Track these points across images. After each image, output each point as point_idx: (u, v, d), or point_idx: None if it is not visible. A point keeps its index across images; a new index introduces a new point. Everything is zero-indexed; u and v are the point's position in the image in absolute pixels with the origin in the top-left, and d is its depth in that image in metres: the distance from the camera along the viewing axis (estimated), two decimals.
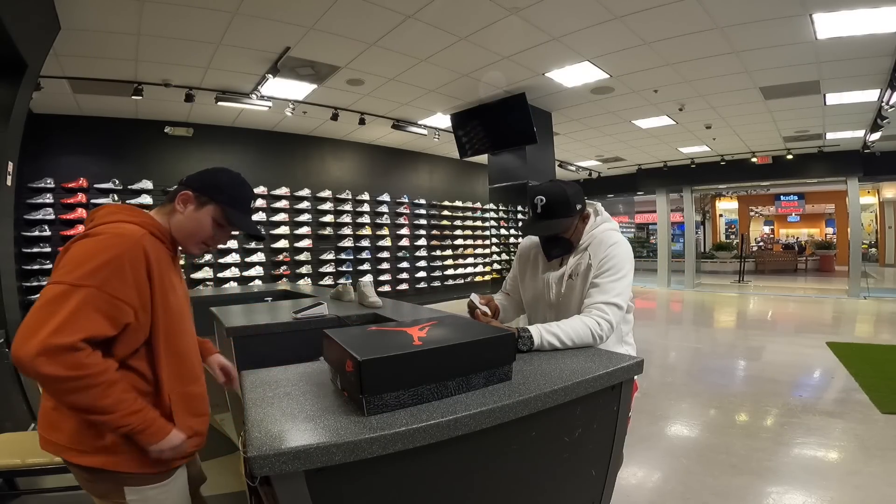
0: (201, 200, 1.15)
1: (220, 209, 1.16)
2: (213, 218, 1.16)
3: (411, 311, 2.31)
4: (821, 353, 4.81)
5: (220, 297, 3.68)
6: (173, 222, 1.15)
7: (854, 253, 9.05)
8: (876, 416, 3.08)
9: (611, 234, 1.51)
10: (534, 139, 5.67)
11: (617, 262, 1.43)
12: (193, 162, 6.43)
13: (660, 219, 11.42)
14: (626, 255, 1.46)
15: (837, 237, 16.29)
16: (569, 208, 1.47)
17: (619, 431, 1.25)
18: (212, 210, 1.16)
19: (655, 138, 8.06)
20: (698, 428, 3.11)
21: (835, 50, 4.26)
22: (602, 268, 1.43)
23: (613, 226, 1.56)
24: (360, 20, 3.75)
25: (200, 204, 1.15)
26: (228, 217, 1.18)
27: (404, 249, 8.70)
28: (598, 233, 1.52)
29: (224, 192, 1.17)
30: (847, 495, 2.16)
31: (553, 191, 1.47)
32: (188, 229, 1.15)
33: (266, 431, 0.83)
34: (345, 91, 5.44)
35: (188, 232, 1.15)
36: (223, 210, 1.17)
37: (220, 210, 1.17)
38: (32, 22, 2.97)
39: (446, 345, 1.00)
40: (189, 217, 1.15)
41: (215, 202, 1.16)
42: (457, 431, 0.90)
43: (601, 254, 1.45)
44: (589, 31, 3.99)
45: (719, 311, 8.51)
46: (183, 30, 3.79)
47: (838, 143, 8.30)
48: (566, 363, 1.22)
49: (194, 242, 1.17)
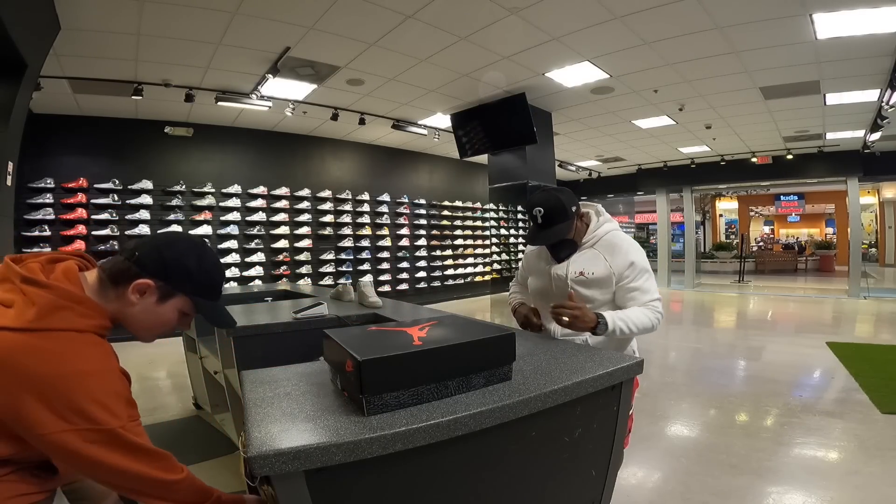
0: (165, 292, 0.95)
1: (189, 301, 0.98)
2: (180, 310, 0.99)
3: (411, 311, 2.31)
4: (821, 353, 4.81)
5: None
6: (124, 313, 0.94)
7: (854, 253, 9.05)
8: (876, 416, 3.08)
9: (618, 234, 1.61)
10: (534, 139, 5.67)
11: (643, 264, 1.57)
12: (193, 162, 6.44)
13: (660, 219, 11.42)
14: (643, 252, 1.61)
15: (837, 237, 16.29)
16: (566, 213, 1.56)
17: (619, 431, 1.25)
18: (179, 302, 0.97)
19: (655, 138, 8.06)
20: (698, 428, 3.11)
21: (835, 50, 4.26)
22: (633, 274, 1.55)
23: (616, 226, 1.65)
24: (360, 20, 3.75)
25: (164, 296, 0.95)
26: (200, 310, 1.01)
27: (404, 249, 8.70)
28: (602, 233, 1.61)
29: (194, 281, 0.97)
30: (847, 495, 2.16)
31: (549, 201, 1.56)
32: (147, 324, 0.97)
33: (266, 431, 0.83)
34: (345, 91, 5.44)
35: (146, 326, 0.97)
36: (193, 302, 0.99)
37: (190, 302, 0.99)
38: (32, 22, 2.97)
39: (446, 345, 1.00)
40: (148, 311, 0.95)
41: (184, 294, 0.97)
42: (457, 431, 0.90)
43: (625, 260, 1.55)
44: (589, 31, 3.99)
45: (719, 311, 8.51)
46: (183, 30, 3.79)
47: (838, 143, 8.31)
48: (566, 363, 1.22)
49: (152, 335, 1.00)
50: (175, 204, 6.21)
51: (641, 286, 1.55)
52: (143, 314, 0.94)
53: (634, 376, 1.26)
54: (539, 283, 1.72)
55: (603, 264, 1.56)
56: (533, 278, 1.77)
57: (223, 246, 6.56)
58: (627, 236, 1.62)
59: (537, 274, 1.74)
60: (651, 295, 1.54)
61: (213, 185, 6.53)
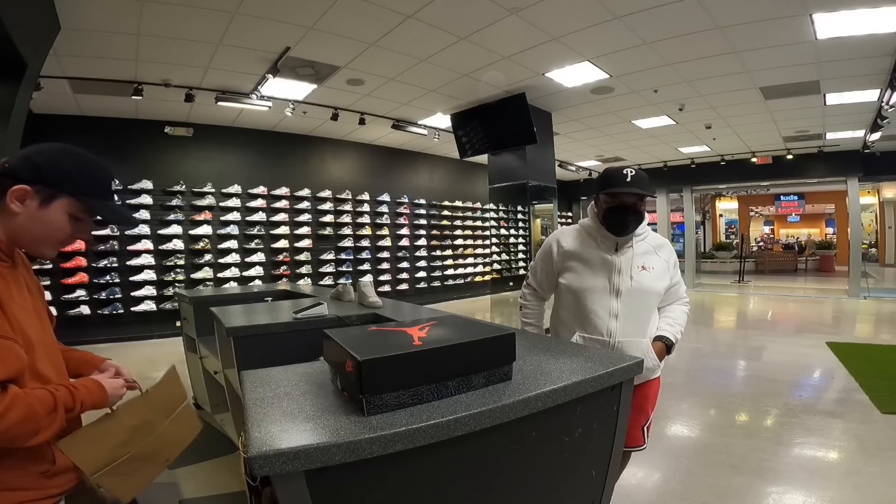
0: (45, 195, 0.90)
1: (75, 202, 0.93)
2: (69, 213, 0.93)
3: (411, 311, 2.31)
4: (821, 353, 4.81)
5: (220, 297, 3.68)
6: (11, 226, 0.90)
7: (854, 253, 9.05)
8: (876, 416, 3.08)
9: (656, 234, 1.72)
10: (534, 139, 5.67)
11: (676, 259, 1.71)
12: (193, 162, 6.44)
13: (660, 219, 11.42)
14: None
15: (837, 237, 16.29)
16: (650, 187, 1.61)
17: (619, 431, 1.25)
18: (65, 205, 0.92)
19: (655, 138, 8.06)
20: (698, 428, 3.11)
21: (835, 50, 4.26)
22: (677, 270, 1.70)
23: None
24: (360, 20, 3.75)
25: (46, 199, 0.90)
26: (92, 209, 0.96)
27: (404, 249, 8.70)
28: (648, 230, 1.69)
29: (76, 182, 0.93)
30: (847, 495, 2.16)
31: (639, 170, 1.60)
32: (37, 233, 0.91)
33: (266, 431, 0.83)
34: (345, 91, 5.44)
35: (37, 236, 0.92)
36: (80, 202, 0.94)
37: (77, 203, 0.93)
38: (32, 22, 2.97)
39: (446, 345, 1.00)
40: (33, 217, 0.90)
41: (68, 194, 0.92)
42: (457, 431, 0.90)
43: (672, 257, 1.68)
44: (589, 31, 3.99)
45: (719, 311, 8.51)
46: (183, 30, 3.79)
47: (838, 143, 8.31)
48: (566, 363, 1.22)
49: (49, 246, 0.95)
50: (175, 204, 6.21)
51: (679, 281, 1.71)
52: (30, 222, 0.90)
53: (634, 376, 1.26)
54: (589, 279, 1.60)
55: (657, 260, 1.63)
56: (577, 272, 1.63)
57: (223, 246, 6.57)
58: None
59: (586, 264, 1.62)
60: (684, 287, 1.74)
61: (213, 185, 6.53)
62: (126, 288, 5.85)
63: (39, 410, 0.83)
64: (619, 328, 1.56)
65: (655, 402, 1.71)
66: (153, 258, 6.03)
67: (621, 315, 1.56)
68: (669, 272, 1.65)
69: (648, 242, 1.65)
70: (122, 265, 5.83)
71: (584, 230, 1.68)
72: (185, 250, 6.28)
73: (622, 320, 1.57)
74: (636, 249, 1.61)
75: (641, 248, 1.63)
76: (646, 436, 1.66)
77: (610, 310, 1.57)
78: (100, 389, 0.98)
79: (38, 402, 0.83)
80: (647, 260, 1.61)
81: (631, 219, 1.56)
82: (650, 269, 1.59)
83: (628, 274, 1.57)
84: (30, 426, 0.81)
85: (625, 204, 1.55)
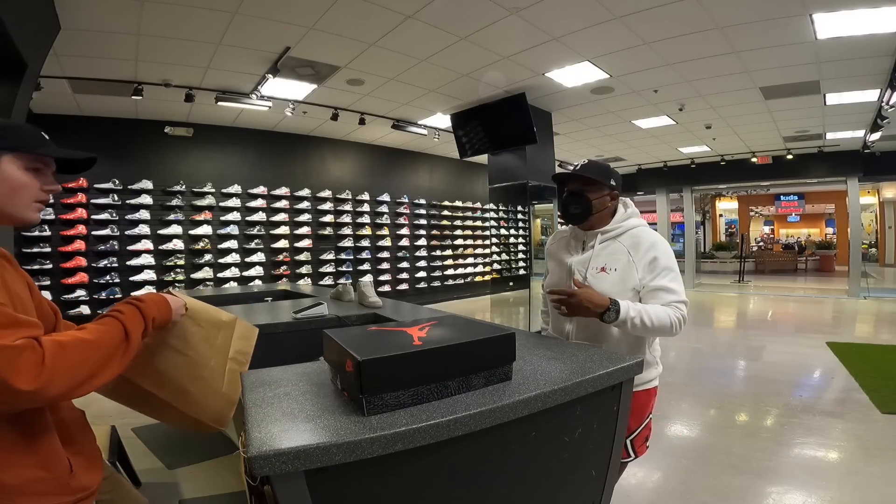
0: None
1: (17, 156, 0.88)
2: (23, 168, 0.89)
3: (411, 311, 2.31)
4: (821, 353, 4.81)
5: (220, 297, 3.68)
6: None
7: (854, 253, 9.05)
8: (876, 416, 3.08)
9: (646, 231, 1.52)
10: (534, 139, 5.67)
11: (667, 262, 1.45)
12: (193, 162, 6.44)
13: (660, 219, 11.43)
14: (671, 251, 1.48)
15: (837, 237, 16.29)
16: (605, 174, 1.51)
17: (619, 431, 1.25)
18: (9, 160, 0.87)
19: (655, 138, 8.06)
20: (698, 428, 3.11)
21: (835, 50, 4.26)
22: (656, 269, 1.44)
23: (643, 223, 1.56)
24: (360, 20, 3.75)
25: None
26: (36, 154, 0.91)
27: (404, 249, 8.70)
28: (629, 226, 1.52)
29: (7, 138, 0.88)
30: (847, 495, 2.16)
31: (595, 160, 1.56)
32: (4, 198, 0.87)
33: (266, 431, 0.83)
34: (345, 91, 5.44)
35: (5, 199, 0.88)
36: (23, 153, 0.89)
37: (20, 155, 0.89)
38: (32, 22, 2.97)
39: (446, 345, 1.00)
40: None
41: (8, 152, 0.87)
42: (457, 431, 0.90)
43: (648, 254, 1.45)
44: (589, 31, 3.99)
45: (719, 311, 8.51)
46: (183, 30, 3.79)
47: (838, 143, 8.30)
48: (566, 363, 1.22)
49: (24, 206, 0.90)
50: (175, 204, 6.21)
51: (666, 285, 1.42)
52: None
53: (634, 376, 1.26)
54: (554, 277, 1.61)
55: (625, 259, 1.45)
56: (551, 273, 1.66)
57: (223, 246, 6.57)
58: (658, 234, 1.51)
59: (557, 264, 1.62)
60: (676, 296, 1.41)
61: (213, 185, 6.53)
62: (126, 288, 5.85)
63: (100, 341, 0.82)
64: (574, 331, 1.53)
65: (644, 415, 1.55)
66: (153, 258, 6.03)
67: (576, 319, 1.50)
68: (638, 273, 1.44)
69: (622, 241, 1.49)
70: (122, 265, 5.83)
71: (569, 230, 1.66)
72: (185, 250, 6.28)
73: (576, 324, 1.53)
74: (600, 249, 1.50)
75: (610, 247, 1.50)
76: (631, 449, 1.51)
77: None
78: (164, 301, 0.99)
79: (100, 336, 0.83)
80: (610, 261, 1.47)
81: (572, 204, 1.51)
82: (610, 272, 1.45)
83: (582, 276, 1.49)
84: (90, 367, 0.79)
85: (570, 191, 1.54)
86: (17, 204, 0.89)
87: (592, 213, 1.50)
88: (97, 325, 0.87)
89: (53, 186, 0.95)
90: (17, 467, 0.80)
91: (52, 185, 0.95)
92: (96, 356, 0.81)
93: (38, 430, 0.85)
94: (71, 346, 0.78)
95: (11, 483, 0.79)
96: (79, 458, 0.92)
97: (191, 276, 6.29)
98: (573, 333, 1.54)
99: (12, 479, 0.79)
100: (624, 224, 1.52)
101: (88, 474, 0.93)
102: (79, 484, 0.90)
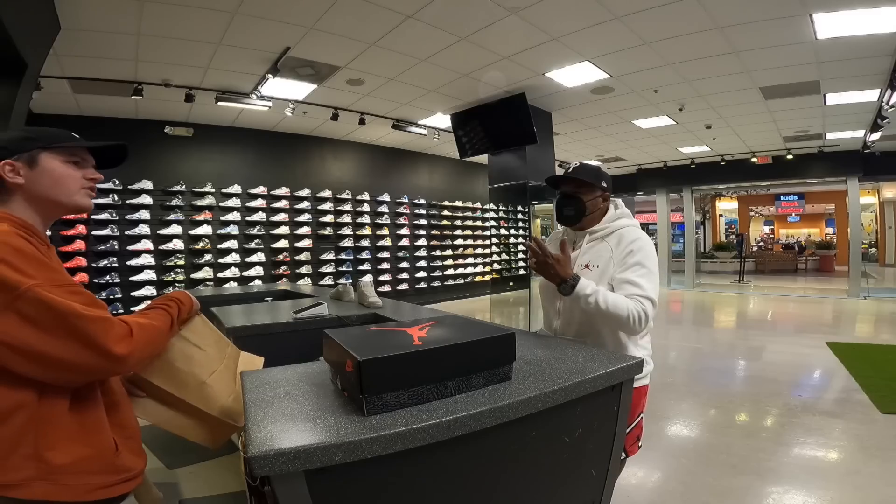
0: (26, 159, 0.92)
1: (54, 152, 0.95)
2: (63, 162, 0.96)
3: (411, 311, 2.31)
4: (821, 353, 4.81)
5: (220, 297, 3.68)
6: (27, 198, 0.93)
7: (854, 253, 9.05)
8: (876, 416, 3.08)
9: (632, 229, 1.54)
10: (534, 139, 5.67)
11: (642, 258, 1.45)
12: (193, 162, 6.44)
13: (660, 219, 11.42)
14: (652, 251, 1.49)
15: (837, 237, 16.28)
16: (596, 176, 1.57)
17: (619, 431, 1.25)
18: (49, 156, 0.94)
19: (655, 138, 8.06)
20: (698, 428, 3.11)
21: (835, 50, 4.26)
22: (627, 262, 1.45)
23: (634, 222, 1.58)
24: (360, 20, 3.75)
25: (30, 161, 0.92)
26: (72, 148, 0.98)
27: (404, 249, 8.70)
28: (617, 226, 1.56)
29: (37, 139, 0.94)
30: (847, 495, 2.16)
31: (586, 163, 1.62)
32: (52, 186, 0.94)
33: (266, 431, 0.83)
34: (345, 91, 5.44)
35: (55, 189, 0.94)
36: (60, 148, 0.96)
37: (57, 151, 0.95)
38: (32, 22, 2.97)
39: (446, 345, 1.00)
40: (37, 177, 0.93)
41: (44, 150, 0.94)
42: (457, 431, 0.90)
43: (626, 250, 1.47)
44: (589, 31, 3.99)
45: (719, 311, 8.51)
46: (183, 30, 3.79)
47: (838, 143, 8.30)
48: (566, 363, 1.22)
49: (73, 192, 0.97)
50: (175, 204, 6.21)
51: (632, 279, 1.41)
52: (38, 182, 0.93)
53: (634, 376, 1.26)
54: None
55: (608, 256, 1.50)
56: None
57: (223, 246, 6.57)
58: (643, 234, 1.52)
59: None
60: (641, 290, 1.39)
61: (213, 185, 6.53)
62: (126, 288, 5.85)
63: (163, 328, 1.00)
64: (561, 327, 1.59)
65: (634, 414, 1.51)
66: (153, 258, 6.02)
67: (562, 314, 1.59)
68: (612, 268, 1.46)
69: (608, 241, 1.53)
70: (122, 265, 5.83)
71: (563, 232, 1.72)
72: (185, 250, 6.28)
73: (562, 319, 1.59)
74: (587, 248, 1.56)
75: (597, 246, 1.55)
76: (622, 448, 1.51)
77: (555, 308, 1.61)
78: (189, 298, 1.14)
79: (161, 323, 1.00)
80: (595, 258, 1.52)
81: (564, 207, 1.58)
82: (593, 268, 1.50)
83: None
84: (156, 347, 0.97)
85: (563, 194, 1.61)
86: (64, 191, 0.96)
87: (586, 215, 1.57)
88: (156, 313, 1.02)
89: (95, 175, 1.02)
90: (67, 445, 0.84)
91: (95, 175, 1.02)
92: (160, 339, 1.00)
93: (88, 408, 0.89)
94: (147, 327, 0.93)
95: (60, 462, 0.82)
96: (123, 440, 0.95)
97: (191, 276, 6.29)
98: (560, 329, 1.60)
99: (61, 458, 0.82)
100: (612, 224, 1.56)
101: (132, 456, 0.96)
102: (123, 464, 0.92)
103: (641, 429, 1.59)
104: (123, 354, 0.82)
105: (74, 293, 0.84)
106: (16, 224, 0.87)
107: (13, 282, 0.76)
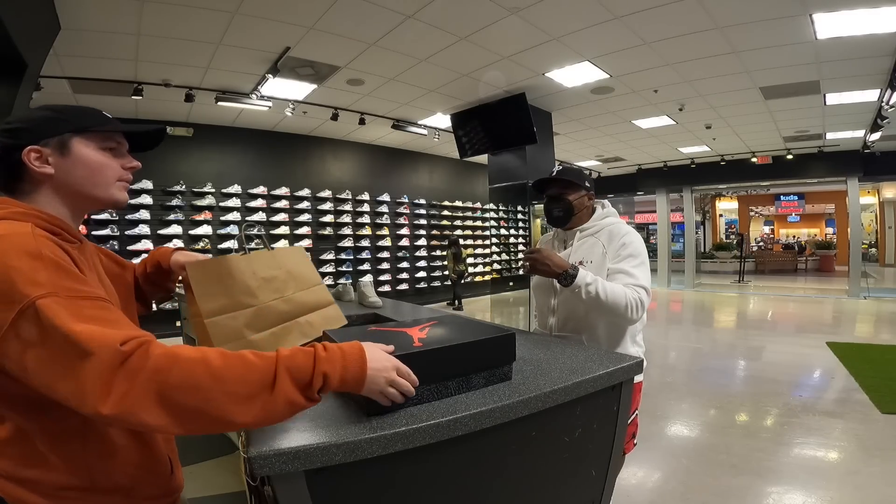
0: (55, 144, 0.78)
1: (87, 137, 0.81)
2: (98, 148, 0.82)
3: (411, 311, 2.31)
4: (821, 353, 4.81)
5: None
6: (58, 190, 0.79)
7: (854, 253, 9.05)
8: (876, 416, 3.09)
9: (621, 225, 1.61)
10: (534, 139, 5.67)
11: (633, 250, 1.52)
12: (193, 162, 6.44)
13: (660, 219, 11.42)
14: (642, 244, 1.57)
15: (837, 237, 16.28)
16: (579, 177, 1.63)
17: (619, 431, 1.25)
18: (82, 142, 0.80)
19: (655, 138, 8.06)
20: (698, 428, 3.11)
21: (835, 50, 4.26)
22: (621, 254, 1.52)
23: (620, 220, 1.66)
24: (360, 20, 3.75)
25: (60, 147, 0.78)
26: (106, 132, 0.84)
27: (404, 249, 8.70)
28: (607, 223, 1.62)
29: (68, 120, 0.80)
30: (847, 495, 2.16)
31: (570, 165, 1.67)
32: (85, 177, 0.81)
33: (266, 431, 0.83)
34: (345, 91, 5.44)
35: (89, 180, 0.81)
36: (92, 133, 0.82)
37: (90, 136, 0.82)
38: (32, 22, 2.97)
39: (446, 345, 1.00)
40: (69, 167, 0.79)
41: (76, 134, 0.80)
42: (457, 431, 0.90)
43: (619, 243, 1.54)
44: (589, 31, 3.99)
45: (719, 311, 8.51)
46: (183, 30, 3.79)
47: (838, 143, 8.31)
48: (566, 363, 1.22)
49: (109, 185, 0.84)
50: (175, 204, 6.21)
51: (627, 269, 1.48)
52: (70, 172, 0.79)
53: (634, 376, 1.26)
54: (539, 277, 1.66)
55: (601, 251, 1.56)
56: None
57: (223, 246, 6.56)
58: (631, 229, 1.60)
59: None
60: (635, 280, 1.45)
61: (213, 185, 6.53)
62: None
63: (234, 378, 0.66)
64: (556, 324, 1.62)
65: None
66: None
67: (557, 311, 1.62)
68: (607, 263, 1.52)
69: (599, 237, 1.59)
70: None
71: (554, 233, 1.78)
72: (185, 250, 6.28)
73: (558, 317, 1.62)
74: (578, 245, 1.62)
75: (588, 243, 1.60)
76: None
77: (549, 306, 1.64)
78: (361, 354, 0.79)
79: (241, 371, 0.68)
80: (588, 254, 1.57)
81: (553, 208, 1.64)
82: (587, 264, 1.55)
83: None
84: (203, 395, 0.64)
85: (549, 196, 1.67)
86: (101, 184, 0.82)
87: (574, 214, 1.63)
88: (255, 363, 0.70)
89: (133, 163, 0.88)
90: (126, 468, 0.79)
91: (132, 163, 0.88)
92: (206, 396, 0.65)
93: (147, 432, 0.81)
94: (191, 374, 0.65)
95: (123, 485, 0.78)
96: (174, 457, 0.91)
97: None
98: (555, 326, 1.62)
99: (123, 480, 0.78)
100: (601, 222, 1.63)
101: (180, 472, 0.92)
102: (177, 483, 0.89)
103: (637, 425, 1.61)
104: (106, 415, 0.60)
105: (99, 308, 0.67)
106: (42, 221, 0.74)
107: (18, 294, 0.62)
